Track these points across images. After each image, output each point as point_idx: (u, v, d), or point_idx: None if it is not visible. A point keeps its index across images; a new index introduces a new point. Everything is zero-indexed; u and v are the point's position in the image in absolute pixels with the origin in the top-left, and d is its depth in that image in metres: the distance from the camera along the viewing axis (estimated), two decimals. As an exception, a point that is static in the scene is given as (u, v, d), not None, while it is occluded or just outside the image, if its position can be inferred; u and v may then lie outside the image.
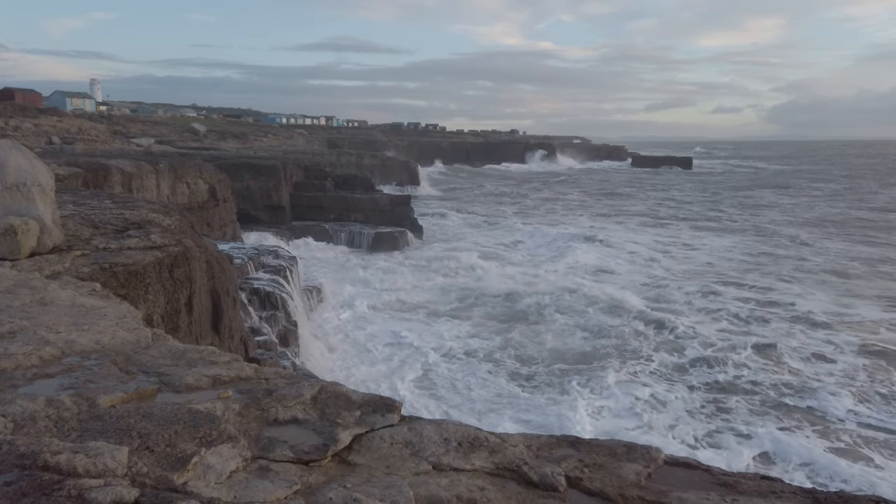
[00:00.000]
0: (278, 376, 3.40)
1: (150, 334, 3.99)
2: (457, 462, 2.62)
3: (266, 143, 72.75)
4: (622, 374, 17.31)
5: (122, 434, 2.44)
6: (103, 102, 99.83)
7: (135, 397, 2.95)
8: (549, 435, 2.89)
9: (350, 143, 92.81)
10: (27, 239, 5.95)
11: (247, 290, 15.78)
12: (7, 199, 6.16)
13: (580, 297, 24.52)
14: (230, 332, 8.70)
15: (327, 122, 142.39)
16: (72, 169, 16.39)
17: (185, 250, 7.05)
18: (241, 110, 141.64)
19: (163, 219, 8.37)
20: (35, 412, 2.58)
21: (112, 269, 5.94)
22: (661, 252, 35.55)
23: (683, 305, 24.27)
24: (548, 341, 20.16)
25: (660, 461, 2.63)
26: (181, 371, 3.32)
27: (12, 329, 3.75)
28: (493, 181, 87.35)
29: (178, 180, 22.76)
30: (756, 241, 39.12)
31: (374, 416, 2.98)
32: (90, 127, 51.23)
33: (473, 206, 56.18)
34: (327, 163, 49.35)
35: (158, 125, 72.27)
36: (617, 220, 48.45)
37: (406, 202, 40.38)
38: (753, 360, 18.32)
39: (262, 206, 34.53)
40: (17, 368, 3.22)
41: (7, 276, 5.02)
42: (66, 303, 4.39)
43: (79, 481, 1.95)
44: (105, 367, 3.29)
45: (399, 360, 18.35)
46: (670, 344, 19.73)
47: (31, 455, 2.11)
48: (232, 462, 2.39)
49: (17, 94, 74.46)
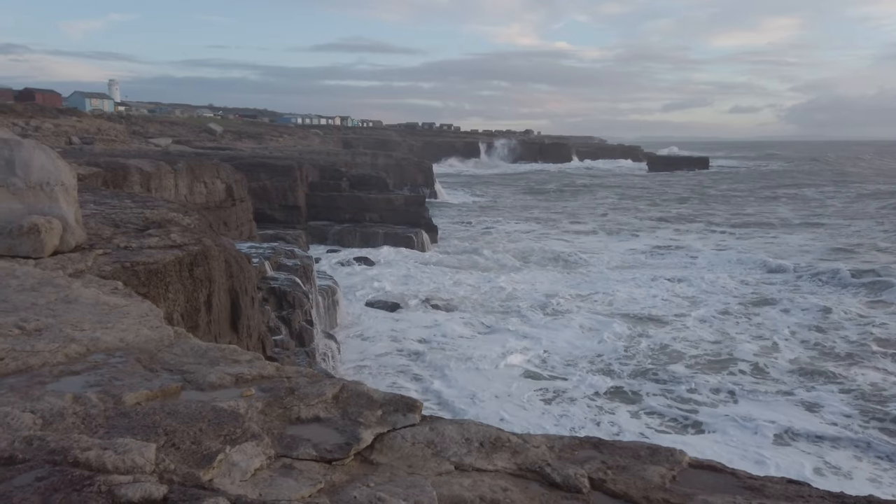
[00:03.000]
0: (300, 375, 3.41)
1: (172, 332, 4.02)
2: (479, 462, 2.62)
3: (282, 143, 73.22)
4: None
5: (148, 431, 2.47)
6: (122, 103, 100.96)
7: (159, 395, 2.98)
8: (571, 436, 2.88)
9: (365, 143, 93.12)
10: (51, 237, 6.03)
11: (264, 289, 15.88)
12: (31, 198, 6.25)
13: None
14: (248, 330, 8.76)
15: (342, 122, 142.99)
16: (92, 169, 16.59)
17: (205, 249, 7.11)
18: (257, 110, 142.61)
19: (182, 218, 8.45)
20: (63, 409, 2.61)
21: (133, 268, 6.00)
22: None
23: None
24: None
25: (684, 463, 2.61)
26: (204, 369, 3.35)
27: (38, 327, 3.80)
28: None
29: (196, 180, 22.96)
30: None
31: (396, 415, 2.99)
32: (109, 127, 51.85)
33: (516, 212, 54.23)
34: (342, 163, 49.56)
35: (176, 125, 72.97)
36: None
37: (421, 202, 40.44)
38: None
39: (277, 205, 34.74)
40: (44, 365, 3.27)
41: (31, 274, 5.09)
42: (90, 301, 4.44)
43: (108, 477, 1.98)
44: (129, 365, 3.32)
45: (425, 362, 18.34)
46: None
47: (61, 451, 2.14)
48: (256, 460, 2.41)
49: (38, 94, 75.57)
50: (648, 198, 67.57)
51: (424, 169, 63.01)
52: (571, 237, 41.89)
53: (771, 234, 43.15)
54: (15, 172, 6.20)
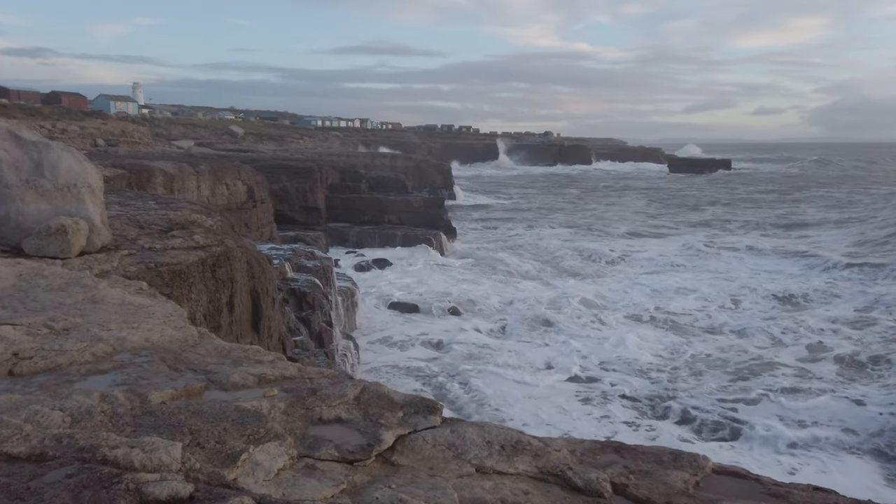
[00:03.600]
0: (321, 376, 3.44)
1: (196, 333, 4.07)
2: (500, 465, 2.62)
3: (302, 145, 73.81)
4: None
5: (173, 430, 2.50)
6: (145, 105, 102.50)
7: (184, 394, 3.02)
8: (592, 440, 2.87)
9: (384, 145, 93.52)
10: (77, 238, 6.13)
11: (284, 290, 16.00)
12: (59, 200, 6.37)
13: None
14: (269, 331, 8.84)
15: (362, 124, 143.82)
16: (117, 170, 16.85)
17: (227, 250, 7.19)
18: (277, 113, 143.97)
19: (205, 219, 8.55)
20: (91, 407, 2.66)
21: (157, 269, 6.09)
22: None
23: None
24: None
25: (708, 469, 2.59)
26: (227, 369, 3.38)
27: (66, 326, 3.87)
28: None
29: (218, 182, 23.22)
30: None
31: (417, 417, 3.00)
32: (133, 129, 52.67)
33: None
34: (362, 165, 49.81)
35: (198, 128, 73.91)
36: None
37: (440, 204, 40.51)
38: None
39: (298, 207, 35.00)
40: (72, 364, 3.33)
41: (59, 274, 5.19)
42: (116, 301, 4.52)
43: (136, 475, 2.01)
44: (155, 364, 3.38)
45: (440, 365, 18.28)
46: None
47: (90, 449, 2.18)
48: (279, 460, 2.43)
49: (64, 97, 77.01)
50: (678, 199, 66.74)
51: (443, 171, 63.13)
52: (602, 240, 41.02)
53: (806, 232, 42.52)
54: (43, 174, 6.33)
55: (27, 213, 6.24)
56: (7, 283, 4.77)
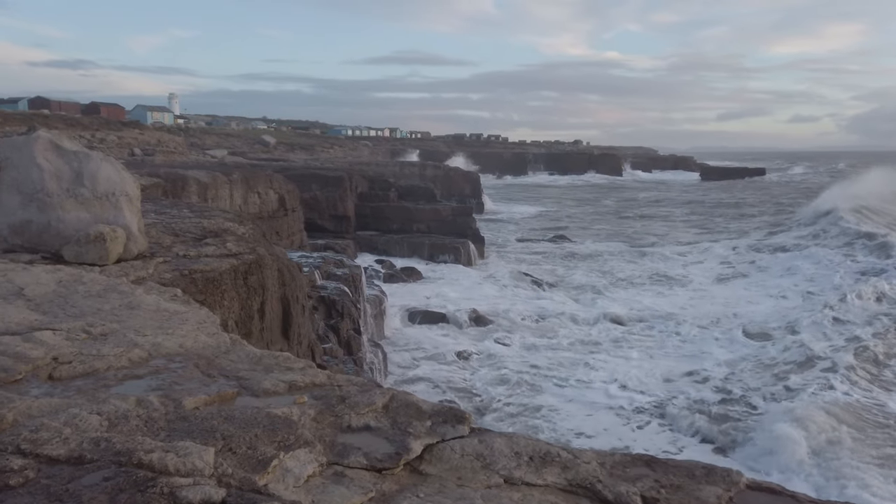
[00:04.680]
0: (350, 383, 3.46)
1: (228, 339, 4.14)
2: (528, 476, 2.60)
3: (332, 154, 74.62)
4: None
5: (206, 435, 2.54)
6: (180, 115, 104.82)
7: (216, 400, 3.07)
8: (622, 453, 2.83)
9: (412, 154, 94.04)
10: (115, 246, 6.29)
11: (313, 297, 16.15)
12: (97, 208, 6.55)
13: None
14: (299, 338, 8.93)
15: (391, 133, 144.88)
16: (152, 179, 17.24)
17: (259, 258, 7.30)
18: (308, 122, 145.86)
19: (237, 227, 8.69)
20: (127, 411, 2.72)
21: (191, 276, 6.20)
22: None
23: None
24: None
25: (741, 485, 2.54)
26: (259, 376, 3.43)
27: (104, 331, 3.97)
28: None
29: (250, 190, 23.58)
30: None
31: (445, 426, 3.00)
32: (169, 139, 53.86)
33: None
34: (391, 174, 50.11)
35: (231, 137, 75.27)
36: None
37: (468, 213, 40.52)
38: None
39: (328, 215, 35.35)
40: (109, 369, 3.41)
41: (97, 280, 5.32)
42: (152, 307, 4.62)
43: (170, 479, 2.05)
44: (188, 370, 3.44)
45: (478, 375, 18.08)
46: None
47: (126, 452, 2.23)
48: (309, 466, 2.45)
49: (103, 108, 79.22)
50: (720, 208, 65.12)
51: (472, 180, 63.18)
52: (653, 249, 39.30)
53: (863, 240, 41.22)
54: (83, 183, 6.51)
55: (67, 220, 6.43)
56: (48, 290, 4.91)
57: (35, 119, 43.32)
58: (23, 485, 2.06)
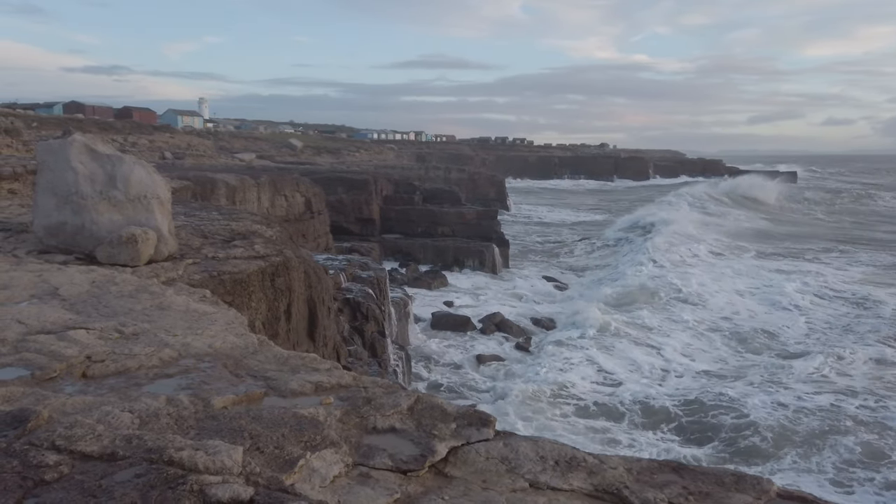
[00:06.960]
0: (376, 385, 3.48)
1: (256, 340, 4.19)
2: (554, 481, 2.59)
3: (358, 157, 75.11)
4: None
5: (235, 434, 2.58)
6: (210, 120, 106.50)
7: (244, 400, 3.11)
8: (650, 459, 2.80)
9: (438, 158, 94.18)
10: (146, 247, 6.42)
11: (339, 300, 16.26)
12: (130, 211, 6.68)
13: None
14: (324, 340, 9.00)
15: (416, 136, 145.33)
16: (183, 182, 17.53)
17: (286, 260, 7.38)
18: (335, 126, 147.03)
19: (265, 230, 8.80)
20: (158, 410, 2.77)
21: (220, 277, 6.30)
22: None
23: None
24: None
25: (772, 493, 2.49)
26: (286, 376, 3.47)
27: (136, 331, 4.05)
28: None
29: (277, 193, 23.86)
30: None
31: (470, 429, 2.99)
32: (198, 143, 54.76)
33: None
34: (416, 177, 50.29)
35: (259, 141, 76.21)
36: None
37: (493, 216, 40.45)
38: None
39: (353, 218, 35.60)
40: (140, 368, 3.48)
41: (129, 281, 5.43)
42: (182, 308, 4.70)
43: (200, 477, 2.08)
44: (217, 370, 3.49)
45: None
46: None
47: (157, 450, 2.27)
48: (335, 467, 2.47)
49: (135, 112, 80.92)
50: (760, 214, 63.17)
51: (496, 183, 63.11)
52: (694, 258, 36.73)
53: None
54: (116, 186, 6.65)
55: (101, 222, 6.57)
56: (82, 290, 5.02)
57: (70, 123, 44.40)
58: (57, 480, 2.11)
